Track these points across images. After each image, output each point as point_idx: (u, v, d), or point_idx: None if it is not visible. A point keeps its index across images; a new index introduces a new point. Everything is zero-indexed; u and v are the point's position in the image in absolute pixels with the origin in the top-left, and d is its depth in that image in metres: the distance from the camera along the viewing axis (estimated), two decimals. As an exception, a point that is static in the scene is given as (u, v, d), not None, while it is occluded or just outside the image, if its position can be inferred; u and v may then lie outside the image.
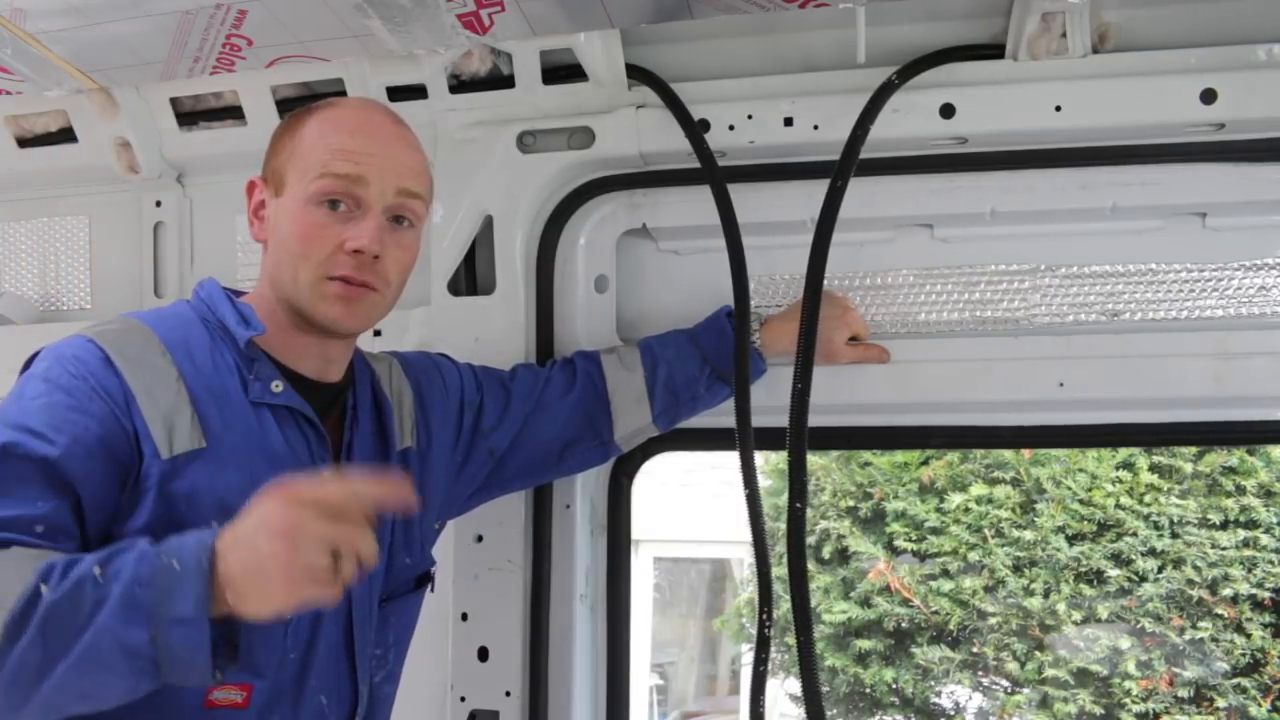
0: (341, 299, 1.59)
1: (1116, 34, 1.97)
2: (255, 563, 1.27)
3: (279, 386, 1.60)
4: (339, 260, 1.58)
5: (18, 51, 2.00)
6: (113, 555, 1.32)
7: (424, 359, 1.96)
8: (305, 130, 1.62)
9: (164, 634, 1.26)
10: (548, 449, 2.01)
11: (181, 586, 1.27)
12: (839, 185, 1.95)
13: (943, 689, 7.31)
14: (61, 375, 1.47)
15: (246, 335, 1.59)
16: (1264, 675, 6.54)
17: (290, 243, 1.59)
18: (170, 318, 1.61)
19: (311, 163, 1.59)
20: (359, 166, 1.58)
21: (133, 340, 1.53)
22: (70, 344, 1.51)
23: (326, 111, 1.65)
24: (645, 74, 2.09)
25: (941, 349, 2.09)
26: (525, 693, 2.15)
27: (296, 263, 1.58)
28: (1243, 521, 6.63)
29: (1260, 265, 2.01)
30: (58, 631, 1.28)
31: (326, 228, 1.57)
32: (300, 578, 1.26)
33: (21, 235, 2.58)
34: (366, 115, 1.65)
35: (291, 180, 1.60)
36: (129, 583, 1.28)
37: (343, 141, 1.59)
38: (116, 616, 1.27)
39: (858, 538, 7.35)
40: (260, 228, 1.65)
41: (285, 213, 1.60)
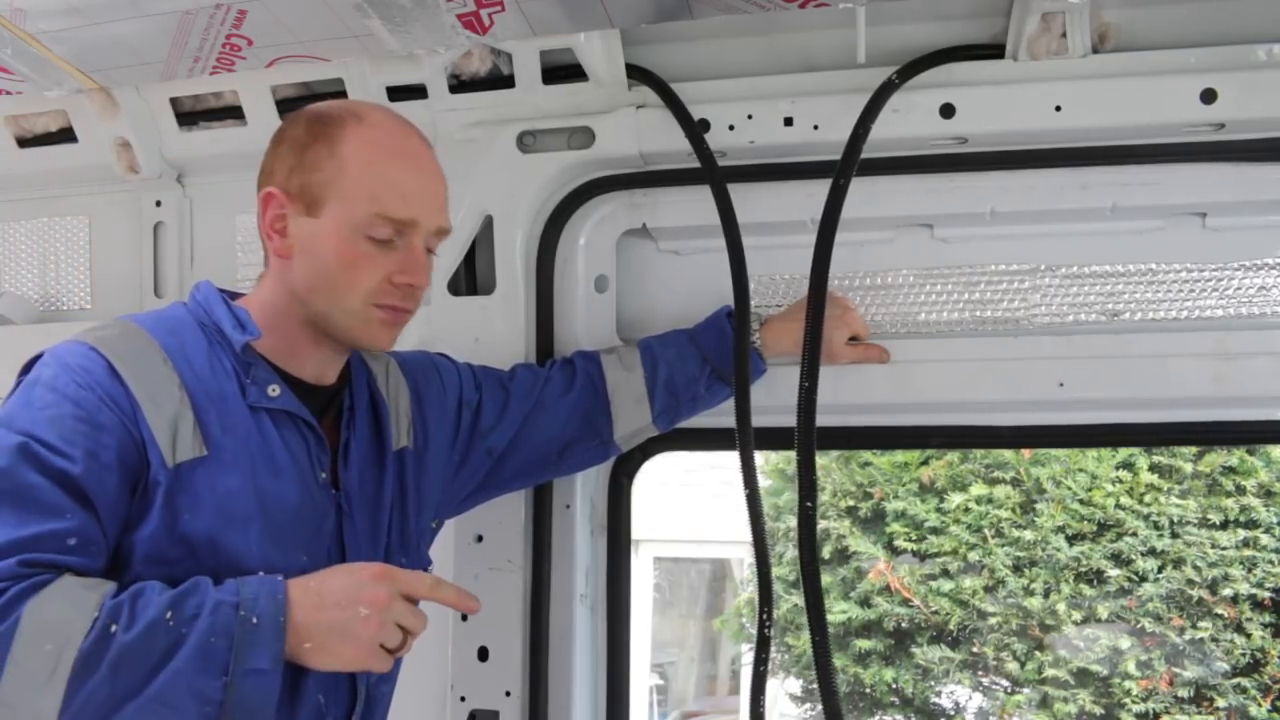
0: (387, 325, 1.63)
1: (1116, 34, 1.97)
2: (343, 622, 1.41)
3: (276, 390, 1.59)
4: (386, 290, 1.60)
5: (18, 51, 2.00)
6: (182, 598, 1.37)
7: (422, 358, 1.96)
8: (346, 151, 1.58)
9: (237, 683, 1.35)
10: (546, 449, 2.01)
11: (259, 642, 1.37)
12: (841, 185, 1.95)
13: (943, 689, 7.31)
14: (69, 385, 1.46)
15: (242, 340, 1.58)
16: (1264, 675, 6.54)
17: (335, 270, 1.58)
18: (167, 321, 1.60)
19: (362, 195, 1.56)
20: (412, 209, 1.58)
21: (134, 347, 1.53)
22: (72, 351, 1.50)
23: (364, 131, 1.60)
24: (645, 74, 2.09)
25: (941, 349, 2.09)
26: (525, 693, 2.15)
27: (341, 290, 1.58)
28: (1243, 521, 6.63)
29: (1260, 265, 2.01)
30: (129, 672, 1.32)
31: (374, 259, 1.58)
32: (377, 648, 1.43)
33: (21, 235, 2.58)
34: (407, 142, 1.63)
35: (334, 205, 1.57)
36: (205, 633, 1.35)
37: (395, 178, 1.58)
38: (192, 664, 1.33)
39: (858, 538, 7.35)
40: (282, 243, 1.61)
41: (325, 238, 1.58)
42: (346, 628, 1.41)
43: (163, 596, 1.37)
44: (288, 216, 1.60)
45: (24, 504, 1.38)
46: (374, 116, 1.64)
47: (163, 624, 1.34)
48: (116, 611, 1.33)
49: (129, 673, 1.32)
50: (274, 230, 1.61)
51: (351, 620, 1.41)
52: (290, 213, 1.60)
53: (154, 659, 1.33)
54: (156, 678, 1.32)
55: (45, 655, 1.31)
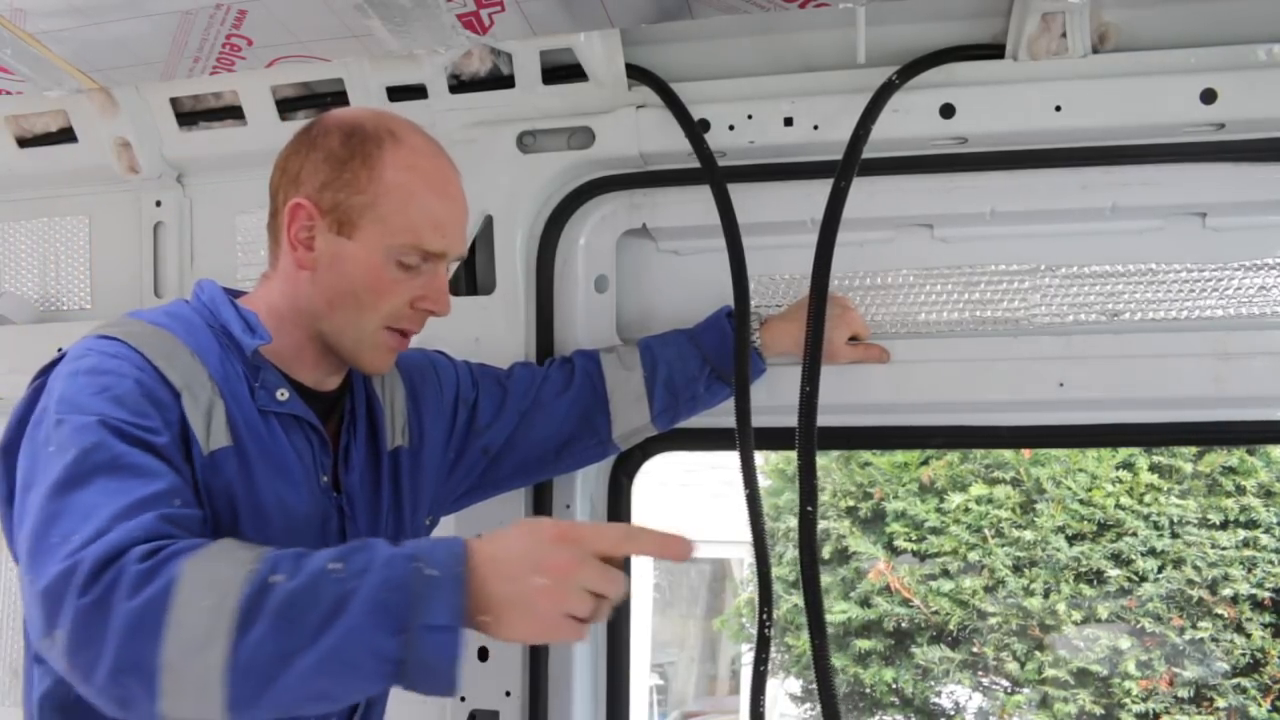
0: (391, 350, 1.64)
1: (1116, 34, 1.97)
2: (519, 595, 1.25)
3: (285, 395, 1.59)
4: (406, 315, 1.61)
5: (18, 51, 2.00)
6: (351, 551, 1.27)
7: (419, 356, 1.95)
8: (385, 175, 1.56)
9: (415, 639, 1.22)
10: (544, 448, 2.01)
11: (437, 594, 1.23)
12: (842, 186, 1.95)
13: (943, 689, 7.32)
14: (120, 367, 1.44)
15: (253, 344, 1.57)
16: (1264, 675, 6.55)
17: (360, 292, 1.58)
18: (181, 320, 1.58)
19: (400, 224, 1.56)
20: (445, 241, 1.59)
21: (160, 340, 1.52)
22: (100, 343, 1.48)
23: (404, 155, 1.58)
24: (645, 74, 2.09)
25: (941, 349, 2.09)
26: (525, 693, 2.15)
27: (364, 311, 1.58)
28: (1243, 521, 6.64)
29: (1260, 265, 2.01)
30: (295, 623, 1.22)
31: (400, 284, 1.59)
32: (562, 619, 1.25)
33: (21, 235, 2.58)
34: (445, 171, 1.62)
35: (369, 229, 1.56)
36: (378, 586, 1.23)
37: (432, 208, 1.58)
38: (366, 619, 1.22)
39: (858, 538, 7.35)
40: (306, 256, 1.58)
41: (355, 260, 1.57)
42: (524, 600, 1.25)
43: (327, 550, 1.27)
44: (316, 230, 1.57)
45: (124, 470, 1.36)
46: (411, 139, 1.61)
47: (329, 575, 1.23)
48: (277, 563, 1.25)
49: (295, 624, 1.21)
50: (299, 242, 1.58)
51: (528, 592, 1.24)
52: (320, 227, 1.57)
53: (322, 611, 1.22)
54: (327, 632, 1.21)
55: (204, 611, 1.21)
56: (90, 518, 1.29)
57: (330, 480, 1.65)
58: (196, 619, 1.22)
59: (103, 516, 1.29)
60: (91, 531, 1.28)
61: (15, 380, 2.46)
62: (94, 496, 1.32)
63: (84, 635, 1.23)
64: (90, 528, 1.28)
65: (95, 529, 1.28)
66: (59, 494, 1.33)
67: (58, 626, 1.24)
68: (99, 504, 1.31)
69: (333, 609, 1.22)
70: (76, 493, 1.33)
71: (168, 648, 1.21)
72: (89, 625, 1.23)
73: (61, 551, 1.27)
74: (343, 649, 1.21)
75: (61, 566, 1.25)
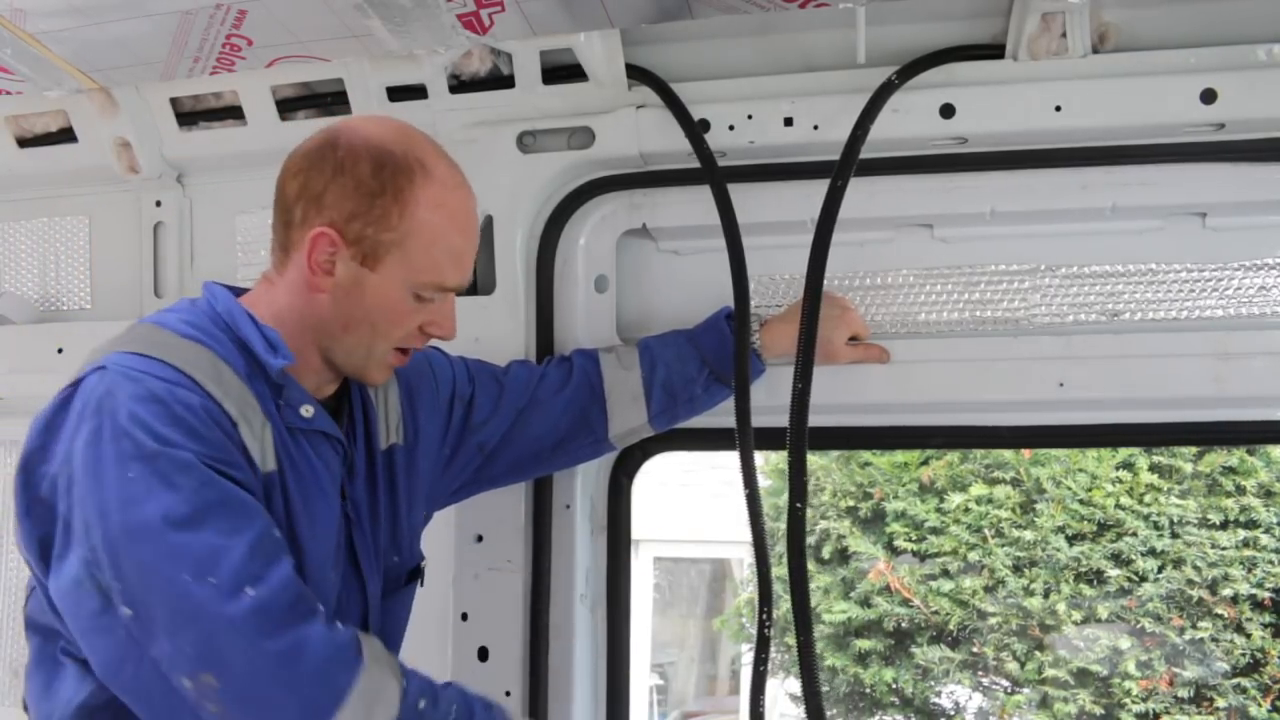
0: (393, 366, 1.67)
1: (1116, 34, 1.97)
2: None
3: (309, 411, 1.60)
4: (415, 338, 1.65)
5: (18, 51, 2.00)
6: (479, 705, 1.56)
7: (420, 357, 1.95)
8: (418, 219, 1.56)
9: None
10: (540, 445, 2.01)
11: None
12: (839, 185, 1.95)
13: (943, 689, 7.31)
14: (184, 400, 1.43)
15: (279, 364, 1.56)
16: (1264, 675, 6.54)
17: (376, 320, 1.60)
18: (209, 335, 1.55)
19: (425, 264, 1.58)
20: (463, 275, 1.64)
21: (202, 359, 1.50)
22: (143, 364, 1.45)
23: (434, 192, 1.57)
24: (645, 74, 2.09)
25: (941, 349, 2.09)
26: (525, 693, 2.15)
27: (375, 337, 1.61)
28: (1243, 521, 6.63)
29: (1260, 265, 2.01)
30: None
31: (415, 312, 1.62)
32: None
33: (21, 235, 2.58)
34: (469, 205, 1.64)
35: (393, 265, 1.57)
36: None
37: (459, 249, 1.62)
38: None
39: (858, 538, 7.34)
40: (325, 281, 1.57)
41: (375, 292, 1.58)
42: None
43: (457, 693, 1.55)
44: (338, 258, 1.56)
45: (233, 508, 1.41)
46: (438, 169, 1.60)
47: None
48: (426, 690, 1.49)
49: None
50: (319, 267, 1.57)
51: None
52: (342, 255, 1.56)
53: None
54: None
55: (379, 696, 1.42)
56: (224, 558, 1.35)
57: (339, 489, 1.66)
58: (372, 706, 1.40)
59: (238, 557, 1.35)
60: (234, 573, 1.34)
61: (15, 380, 2.48)
62: (214, 537, 1.36)
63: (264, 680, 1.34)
64: (230, 569, 1.34)
65: (239, 571, 1.35)
66: (175, 530, 1.35)
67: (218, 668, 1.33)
68: (226, 545, 1.36)
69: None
70: (193, 532, 1.36)
71: None
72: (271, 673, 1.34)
73: (208, 598, 1.33)
74: None
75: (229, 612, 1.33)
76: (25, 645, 1.58)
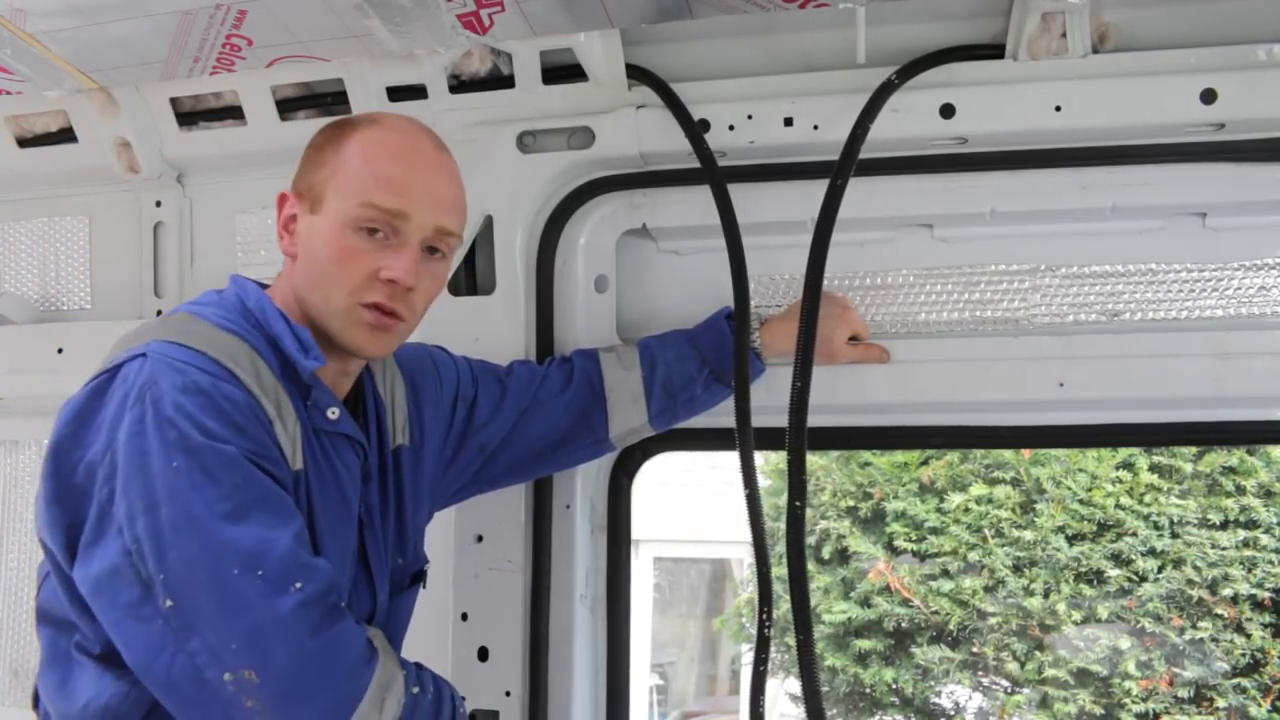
0: (372, 328, 1.59)
1: (1116, 34, 1.97)
2: None
3: (335, 414, 1.60)
4: (373, 287, 1.57)
5: (18, 51, 2.00)
6: None
7: (419, 352, 1.95)
8: (348, 149, 1.58)
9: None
10: (540, 445, 2.01)
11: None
12: (839, 185, 1.95)
13: (943, 689, 7.31)
14: (228, 394, 1.43)
15: (311, 366, 1.55)
16: (1264, 675, 6.54)
17: (324, 264, 1.57)
18: (246, 330, 1.55)
19: (354, 187, 1.56)
20: (402, 200, 1.56)
21: (241, 354, 1.50)
22: (184, 354, 1.45)
23: (371, 131, 1.61)
24: (645, 74, 2.09)
25: (941, 349, 2.09)
26: (525, 693, 2.15)
27: (329, 286, 1.57)
28: (1243, 521, 6.63)
29: (1260, 265, 2.01)
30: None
31: (363, 254, 1.56)
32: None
33: (21, 235, 2.58)
34: (412, 141, 1.62)
35: (331, 200, 1.57)
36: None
37: (388, 170, 1.57)
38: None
39: (858, 538, 7.35)
40: (290, 242, 1.61)
41: (320, 233, 1.57)
42: None
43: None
44: (297, 216, 1.61)
45: (274, 505, 1.40)
46: (389, 121, 1.63)
47: None
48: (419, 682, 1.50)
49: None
50: (285, 230, 1.62)
51: None
52: (299, 212, 1.61)
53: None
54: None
55: None
56: (272, 552, 1.35)
57: None
58: None
59: (285, 551, 1.36)
60: (282, 568, 1.35)
61: (15, 380, 2.48)
62: (261, 531, 1.36)
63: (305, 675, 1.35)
64: (278, 564, 1.35)
65: (287, 566, 1.36)
66: (222, 524, 1.35)
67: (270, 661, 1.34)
68: (273, 539, 1.36)
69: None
70: (240, 526, 1.36)
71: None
72: (313, 669, 1.36)
73: (258, 587, 1.34)
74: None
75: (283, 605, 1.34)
76: (24, 644, 1.58)
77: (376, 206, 1.55)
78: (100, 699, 1.45)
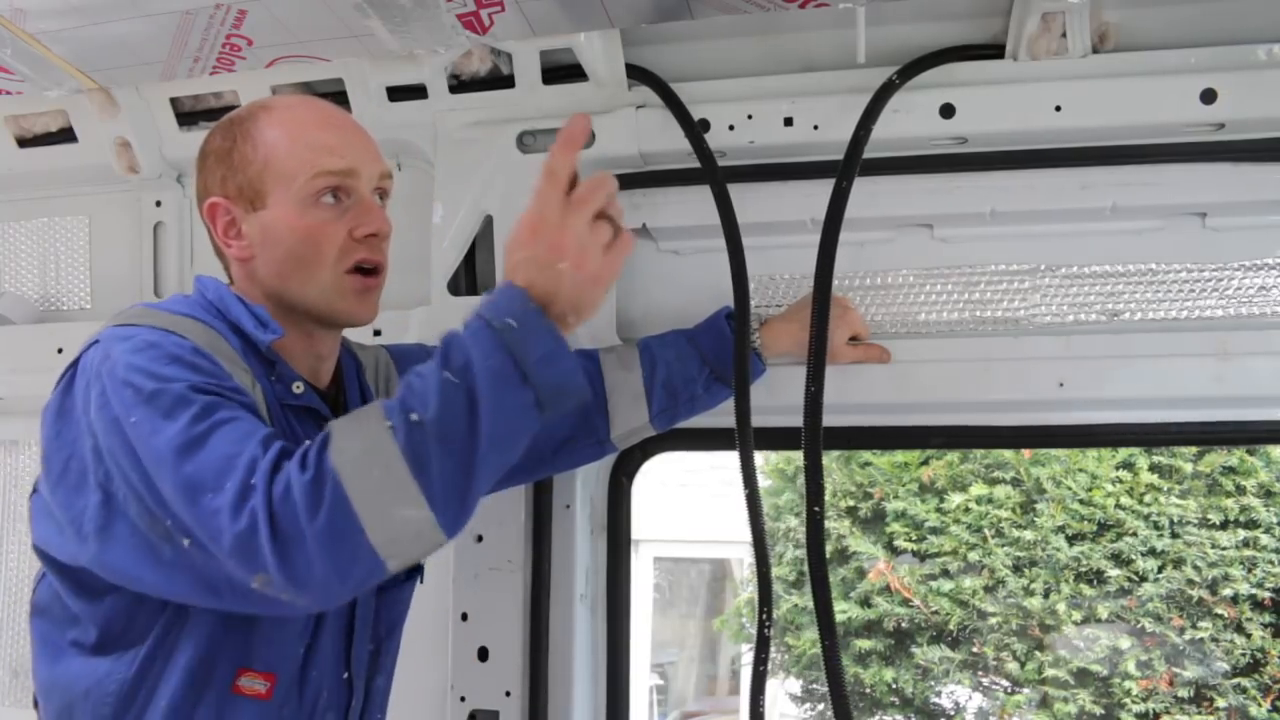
0: (361, 293, 1.62)
1: (1116, 34, 1.97)
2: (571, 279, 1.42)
3: (300, 388, 1.61)
4: (353, 248, 1.60)
5: (18, 51, 2.00)
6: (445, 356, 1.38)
7: (418, 350, 1.95)
8: (266, 136, 1.60)
9: (538, 377, 1.37)
10: (542, 446, 2.01)
11: (530, 337, 1.38)
12: (844, 186, 1.95)
13: (943, 689, 7.31)
14: (176, 343, 1.44)
15: (269, 339, 1.57)
16: (1264, 675, 6.55)
17: (296, 249, 1.58)
18: (203, 310, 1.58)
19: (296, 165, 1.58)
20: (346, 159, 1.59)
21: (192, 328, 1.51)
22: (135, 330, 1.47)
23: (277, 113, 1.63)
24: (645, 74, 2.09)
25: (941, 349, 2.09)
26: (525, 693, 2.15)
27: (310, 267, 1.58)
28: (1243, 521, 6.64)
29: (1260, 265, 2.01)
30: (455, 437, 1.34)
31: (331, 223, 1.59)
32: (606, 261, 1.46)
33: (21, 235, 2.58)
34: (320, 106, 1.66)
35: (276, 189, 1.59)
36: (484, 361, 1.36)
37: (320, 137, 1.60)
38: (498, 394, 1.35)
39: (858, 538, 7.35)
40: (241, 246, 1.62)
41: (278, 222, 1.59)
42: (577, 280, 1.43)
43: (427, 367, 1.39)
44: (237, 219, 1.62)
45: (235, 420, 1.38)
46: (280, 101, 1.69)
47: (449, 384, 1.35)
48: (405, 405, 1.35)
49: (455, 438, 1.34)
50: (229, 237, 1.62)
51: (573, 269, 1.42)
52: (238, 214, 1.61)
53: (467, 413, 1.34)
54: (481, 425, 1.34)
55: (378, 481, 1.32)
56: (231, 467, 1.33)
57: None
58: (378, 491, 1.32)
59: (244, 462, 1.33)
60: (241, 477, 1.32)
61: (15, 380, 2.48)
62: (222, 448, 1.35)
63: (294, 564, 1.30)
64: (238, 475, 1.32)
65: (243, 474, 1.32)
66: (186, 458, 1.34)
67: (264, 569, 1.31)
68: (231, 453, 1.34)
69: (471, 407, 1.34)
70: (202, 453, 1.34)
71: (372, 531, 1.31)
72: (293, 556, 1.30)
73: (226, 508, 1.31)
74: (498, 426, 1.35)
75: (240, 524, 1.30)
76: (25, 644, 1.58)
77: (329, 172, 1.58)
78: (96, 683, 1.48)
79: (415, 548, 1.36)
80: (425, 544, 1.36)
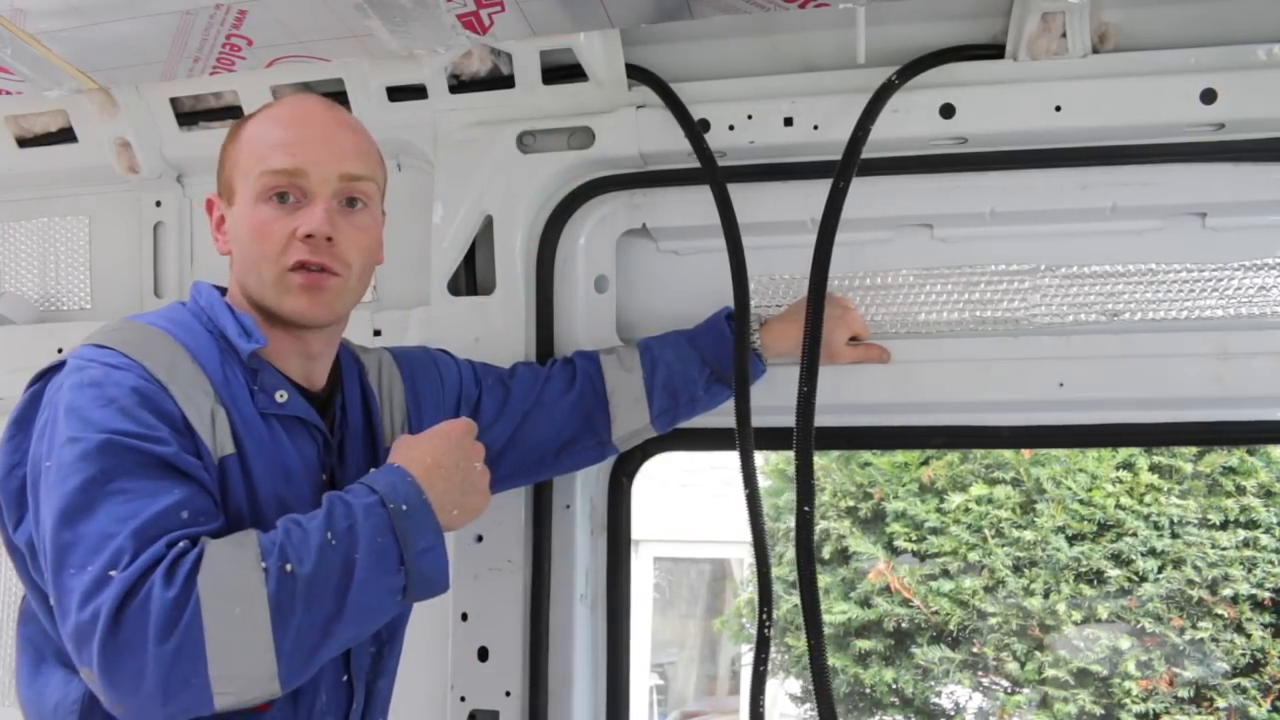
0: (304, 289, 1.60)
1: (1116, 34, 1.97)
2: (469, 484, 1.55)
3: (284, 396, 1.61)
4: (294, 248, 1.59)
5: (18, 51, 2.00)
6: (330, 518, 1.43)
7: (421, 354, 1.96)
8: (243, 136, 1.65)
9: (414, 566, 1.45)
10: (544, 448, 2.01)
11: (416, 524, 1.46)
12: (841, 186, 1.95)
13: (943, 689, 7.31)
14: (125, 379, 1.45)
15: (250, 348, 1.58)
16: (1264, 675, 6.54)
17: (247, 244, 1.61)
18: (182, 325, 1.59)
19: (252, 164, 1.61)
20: (295, 158, 1.59)
21: (161, 347, 1.52)
22: (100, 353, 1.49)
23: (262, 113, 1.68)
24: (645, 74, 2.09)
25: (941, 349, 2.09)
26: (525, 693, 2.15)
27: (257, 262, 1.60)
28: (1243, 521, 6.63)
29: (1260, 265, 2.01)
30: (321, 598, 1.38)
31: (277, 221, 1.59)
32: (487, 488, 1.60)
33: (21, 235, 2.58)
34: (299, 107, 1.67)
35: (239, 186, 1.62)
36: (370, 537, 1.42)
37: (277, 135, 1.61)
38: (372, 569, 1.41)
39: (858, 538, 7.34)
40: (224, 241, 1.67)
41: (239, 218, 1.63)
42: (470, 484, 1.55)
43: (312, 523, 1.42)
44: (224, 215, 1.67)
45: (130, 492, 1.38)
46: (281, 100, 1.73)
47: (329, 546, 1.40)
48: (283, 552, 1.38)
49: (321, 599, 1.38)
50: (219, 232, 1.69)
51: (469, 475, 1.55)
52: (224, 210, 1.67)
53: (336, 579, 1.39)
54: (349, 593, 1.39)
55: (238, 619, 1.33)
56: (100, 550, 1.34)
57: (328, 479, 1.65)
58: (233, 629, 1.33)
59: (112, 549, 1.34)
60: (103, 566, 1.33)
61: (15, 380, 2.47)
62: (103, 525, 1.36)
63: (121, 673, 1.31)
64: (101, 562, 1.33)
65: (105, 563, 1.33)
66: (68, 524, 1.36)
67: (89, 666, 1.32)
68: (108, 533, 1.35)
69: (344, 574, 1.40)
70: (85, 523, 1.36)
71: (214, 664, 1.32)
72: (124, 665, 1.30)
73: (79, 591, 1.32)
74: (364, 600, 1.41)
75: (84, 615, 1.31)
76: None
77: (274, 171, 1.59)
78: (69, 697, 1.49)
79: (247, 692, 1.36)
80: (258, 691, 1.37)
